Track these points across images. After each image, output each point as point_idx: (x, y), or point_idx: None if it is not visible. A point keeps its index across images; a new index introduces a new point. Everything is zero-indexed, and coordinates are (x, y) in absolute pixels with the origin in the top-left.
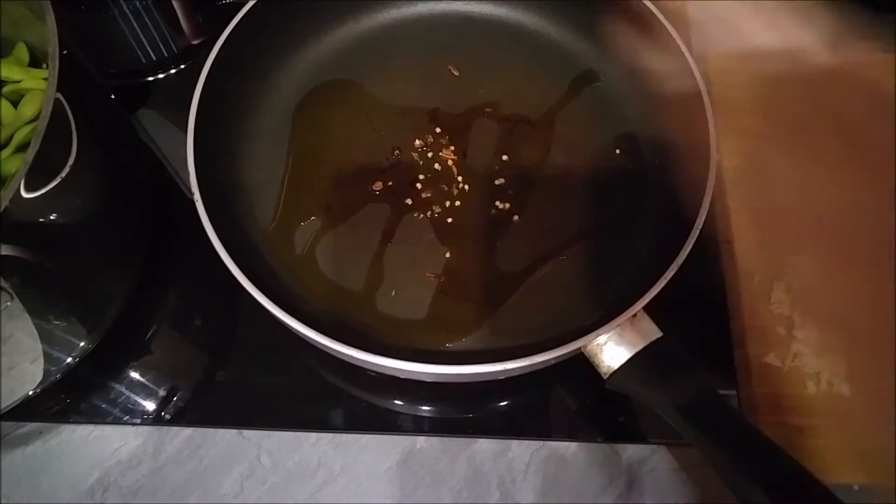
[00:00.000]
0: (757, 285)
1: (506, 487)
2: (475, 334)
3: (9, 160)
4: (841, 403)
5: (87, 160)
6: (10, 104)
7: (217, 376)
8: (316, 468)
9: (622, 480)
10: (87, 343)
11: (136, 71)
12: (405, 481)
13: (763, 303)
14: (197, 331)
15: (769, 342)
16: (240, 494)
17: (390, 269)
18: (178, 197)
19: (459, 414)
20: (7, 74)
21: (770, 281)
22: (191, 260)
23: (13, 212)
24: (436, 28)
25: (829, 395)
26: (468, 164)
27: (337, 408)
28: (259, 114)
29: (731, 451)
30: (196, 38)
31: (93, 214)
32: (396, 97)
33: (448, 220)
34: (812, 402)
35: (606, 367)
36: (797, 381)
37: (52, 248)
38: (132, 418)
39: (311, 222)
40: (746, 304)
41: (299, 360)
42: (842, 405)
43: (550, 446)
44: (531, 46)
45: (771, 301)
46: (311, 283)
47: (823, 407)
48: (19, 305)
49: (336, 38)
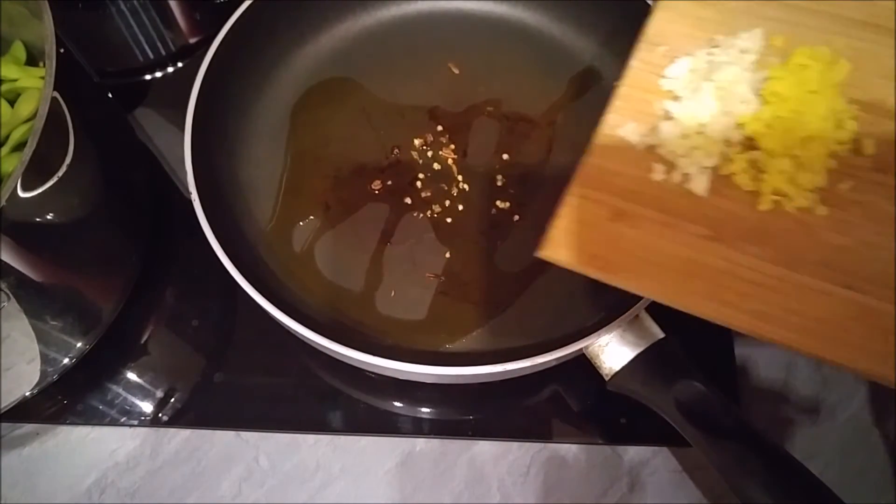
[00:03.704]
0: None
1: (506, 490)
2: (475, 335)
3: (6, 159)
4: None
5: (84, 159)
6: (6, 103)
7: (215, 377)
8: (314, 470)
9: (624, 482)
10: (84, 344)
11: (133, 70)
12: (405, 483)
13: None
14: (194, 332)
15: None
16: (238, 496)
17: (390, 270)
18: (175, 196)
19: (459, 415)
20: (4, 73)
21: None
22: (188, 260)
23: (10, 211)
24: (436, 26)
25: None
26: (468, 163)
27: (335, 409)
28: (257, 112)
29: (733, 453)
30: (193, 37)
31: (90, 214)
32: (396, 95)
33: (448, 220)
34: None
35: (608, 369)
36: None
37: (49, 247)
38: (129, 420)
39: (310, 222)
40: None
41: (297, 361)
42: None
43: (551, 448)
44: (532, 44)
45: None
46: (310, 284)
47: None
48: (16, 306)
49: (335, 35)
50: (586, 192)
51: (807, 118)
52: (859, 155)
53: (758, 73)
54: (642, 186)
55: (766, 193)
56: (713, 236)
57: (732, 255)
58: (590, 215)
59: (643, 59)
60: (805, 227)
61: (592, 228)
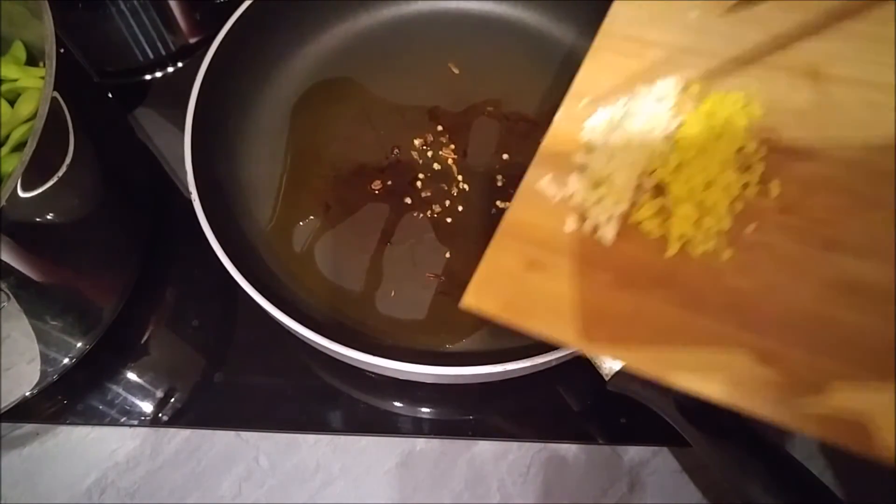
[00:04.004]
0: None
1: (506, 490)
2: (476, 335)
3: (6, 159)
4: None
5: (84, 159)
6: (7, 103)
7: (215, 377)
8: (314, 470)
9: (624, 482)
10: (84, 344)
11: (133, 69)
12: (405, 484)
13: None
14: (194, 331)
15: None
16: (238, 496)
17: (390, 270)
18: (175, 196)
19: (459, 415)
20: (4, 73)
21: None
22: (188, 260)
23: (10, 211)
24: (436, 25)
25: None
26: (468, 163)
27: (336, 409)
28: (257, 112)
29: (733, 453)
30: (194, 37)
31: (90, 214)
32: (396, 95)
33: (448, 220)
34: None
35: (608, 368)
36: None
37: (49, 247)
38: (129, 420)
39: (310, 222)
40: None
41: (298, 361)
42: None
43: (551, 448)
44: (532, 44)
45: None
46: (310, 284)
47: None
48: (16, 306)
49: (335, 35)
50: (505, 242)
51: (709, 163)
52: (766, 197)
53: (674, 120)
54: (556, 237)
55: (672, 239)
56: (621, 283)
57: (639, 300)
58: (506, 266)
59: (567, 112)
60: (709, 271)
61: (508, 278)
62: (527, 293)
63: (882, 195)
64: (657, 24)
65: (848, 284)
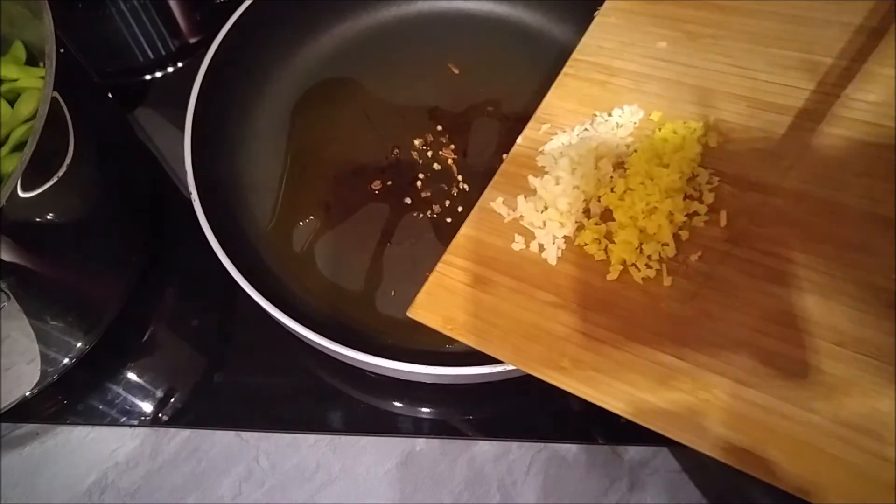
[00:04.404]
0: None
1: (506, 489)
2: None
3: (6, 159)
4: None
5: (84, 159)
6: (6, 103)
7: (215, 377)
8: (314, 470)
9: (624, 482)
10: (84, 344)
11: (133, 70)
12: (405, 483)
13: None
14: (194, 331)
15: None
16: (238, 496)
17: (390, 269)
18: (175, 196)
19: (459, 416)
20: (4, 73)
21: None
22: (188, 260)
23: (10, 211)
24: (436, 26)
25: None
26: (468, 163)
27: (336, 409)
28: (257, 112)
29: None
30: (194, 37)
31: (90, 214)
32: (396, 96)
33: (448, 220)
34: None
35: None
36: None
37: (49, 247)
38: (129, 420)
39: (310, 222)
40: None
41: (298, 361)
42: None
43: (551, 448)
44: (532, 44)
45: None
46: (310, 283)
47: None
48: (16, 306)
49: (335, 36)
50: (453, 259)
51: (653, 191)
52: (715, 226)
53: (629, 147)
54: (502, 255)
55: (614, 263)
56: (559, 303)
57: (575, 321)
58: (451, 281)
59: (527, 137)
60: (648, 296)
61: (452, 293)
62: (469, 308)
63: (830, 229)
64: (626, 54)
65: (786, 317)
